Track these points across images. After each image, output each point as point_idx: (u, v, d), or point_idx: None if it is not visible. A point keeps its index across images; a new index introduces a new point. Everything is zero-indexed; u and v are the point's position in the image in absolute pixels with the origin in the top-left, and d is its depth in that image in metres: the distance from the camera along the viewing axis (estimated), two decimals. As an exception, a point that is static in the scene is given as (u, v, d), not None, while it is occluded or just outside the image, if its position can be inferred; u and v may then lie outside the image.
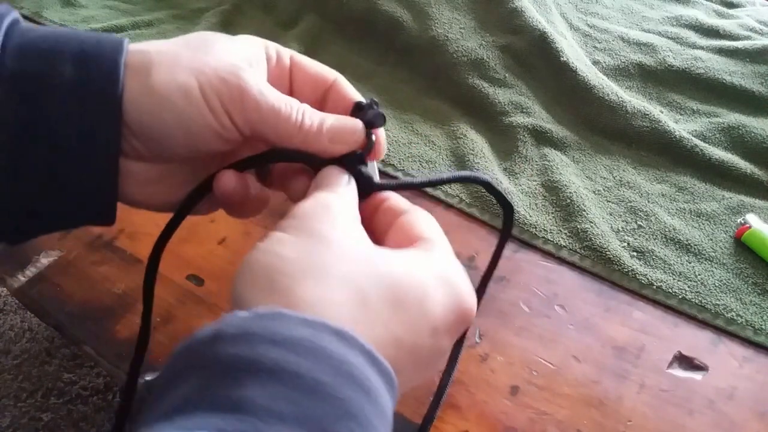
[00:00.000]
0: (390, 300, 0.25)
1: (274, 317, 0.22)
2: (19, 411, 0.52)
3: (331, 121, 0.32)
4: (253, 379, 0.20)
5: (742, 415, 0.40)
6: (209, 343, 0.22)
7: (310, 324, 0.22)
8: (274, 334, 0.21)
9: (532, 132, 0.62)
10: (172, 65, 0.29)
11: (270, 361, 0.20)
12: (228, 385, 0.20)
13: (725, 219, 0.54)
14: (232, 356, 0.21)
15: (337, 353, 0.21)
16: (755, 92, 0.67)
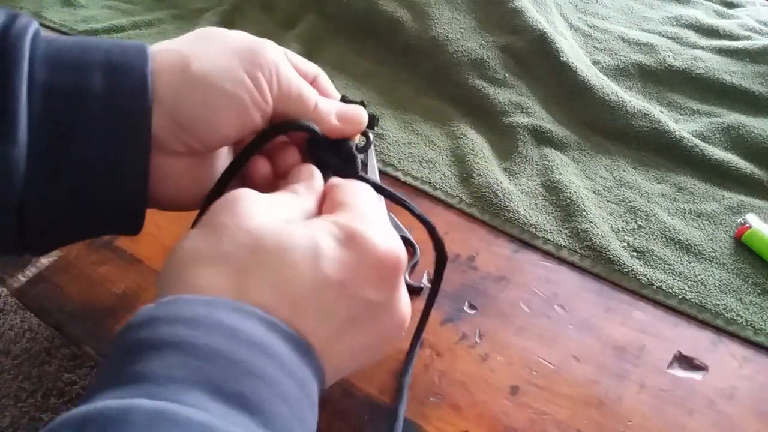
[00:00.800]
0: (273, 264, 0.26)
1: (174, 301, 0.24)
2: (19, 411, 0.52)
3: (337, 103, 0.35)
4: (153, 354, 0.22)
5: (742, 415, 0.40)
6: (120, 336, 0.24)
7: (209, 303, 0.24)
8: (174, 315, 0.23)
9: (532, 132, 0.62)
10: (205, 54, 0.30)
11: (170, 337, 0.22)
12: (129, 362, 0.22)
13: (725, 219, 0.54)
14: (136, 339, 0.23)
15: (234, 324, 0.23)
16: (755, 92, 0.67)
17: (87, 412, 0.19)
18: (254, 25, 0.80)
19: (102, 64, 0.29)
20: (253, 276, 0.26)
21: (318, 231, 0.27)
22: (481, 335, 0.45)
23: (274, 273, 0.26)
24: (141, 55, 0.29)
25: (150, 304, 0.25)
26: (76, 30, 0.78)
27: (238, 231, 0.27)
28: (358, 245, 0.27)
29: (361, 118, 0.35)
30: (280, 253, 0.26)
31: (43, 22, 0.80)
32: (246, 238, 0.26)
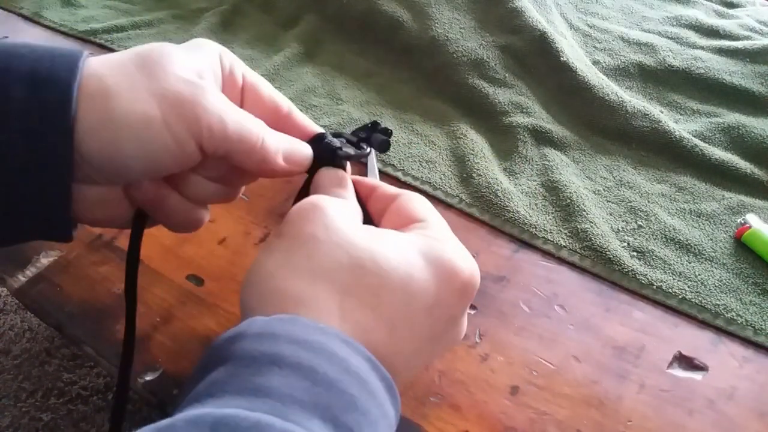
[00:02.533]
0: (374, 287, 0.27)
1: (292, 321, 0.25)
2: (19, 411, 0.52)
3: (286, 142, 0.32)
4: (276, 370, 0.22)
5: (742, 415, 0.40)
6: (233, 341, 0.24)
7: (323, 331, 0.24)
8: (294, 335, 0.24)
9: (532, 132, 0.62)
10: (130, 91, 0.28)
11: (291, 357, 0.23)
12: (252, 373, 0.22)
13: (725, 219, 0.54)
14: (257, 350, 0.23)
15: (346, 357, 0.24)
16: (755, 92, 0.67)
17: (221, 417, 0.20)
18: (254, 25, 0.80)
19: (27, 73, 0.27)
20: (355, 296, 0.27)
21: (412, 255, 0.28)
22: (481, 335, 0.45)
23: (374, 295, 0.27)
24: (70, 67, 0.28)
25: (261, 317, 0.25)
26: (77, 30, 0.78)
27: (334, 247, 0.27)
28: (447, 269, 0.28)
29: (307, 160, 0.33)
30: (379, 276, 0.27)
31: (43, 22, 0.80)
32: (344, 257, 0.27)
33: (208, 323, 0.44)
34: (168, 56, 0.30)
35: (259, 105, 0.34)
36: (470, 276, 0.29)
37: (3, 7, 0.83)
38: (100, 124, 0.28)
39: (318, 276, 0.27)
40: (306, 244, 0.28)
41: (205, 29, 0.77)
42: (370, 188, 0.34)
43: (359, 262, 0.27)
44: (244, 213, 0.52)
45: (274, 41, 0.77)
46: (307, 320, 0.25)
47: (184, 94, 0.28)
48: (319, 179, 0.33)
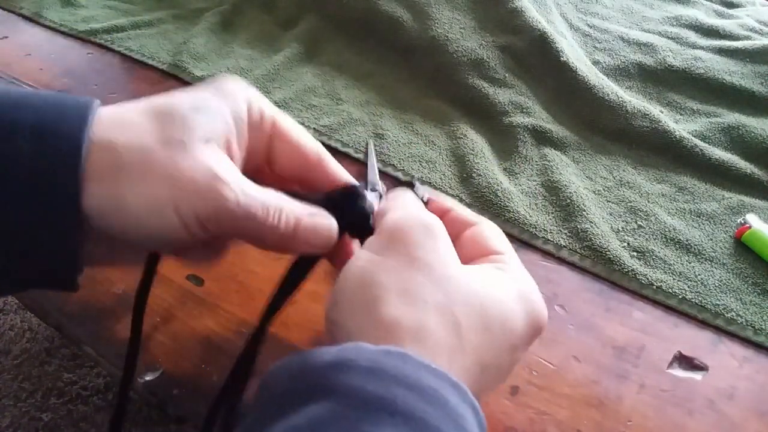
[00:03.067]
0: (479, 326, 0.27)
1: (400, 357, 0.23)
2: (19, 411, 0.52)
3: (305, 222, 0.30)
4: (387, 418, 0.21)
5: (742, 415, 0.40)
6: (337, 370, 0.22)
7: (434, 373, 0.23)
8: (405, 376, 0.22)
9: (532, 132, 0.62)
10: (144, 173, 0.26)
11: (402, 404, 0.21)
12: (362, 418, 0.21)
13: (725, 219, 0.54)
14: (365, 390, 0.22)
15: (456, 407, 0.23)
16: (755, 92, 0.67)
17: None
18: (254, 25, 0.80)
19: (32, 126, 0.25)
20: (463, 335, 0.26)
21: (505, 292, 0.28)
22: (481, 335, 0.45)
23: (479, 335, 0.26)
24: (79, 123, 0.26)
25: (365, 344, 0.24)
26: (76, 30, 0.78)
27: (448, 280, 0.27)
28: (533, 309, 0.29)
29: (329, 238, 0.31)
30: (484, 314, 0.27)
31: (43, 22, 0.80)
32: (456, 291, 0.27)
33: (208, 323, 0.44)
34: (186, 127, 0.27)
35: (287, 154, 0.32)
36: (545, 318, 0.30)
37: (3, 7, 0.83)
38: (110, 209, 0.26)
39: (431, 308, 0.26)
40: (416, 269, 0.26)
41: (205, 29, 0.77)
42: (444, 210, 0.33)
43: (467, 298, 0.27)
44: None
45: (274, 41, 0.77)
46: (417, 358, 0.23)
47: (201, 185, 0.27)
48: (394, 197, 0.32)
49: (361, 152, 0.60)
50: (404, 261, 0.27)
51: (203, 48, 0.73)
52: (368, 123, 0.63)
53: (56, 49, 0.75)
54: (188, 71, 0.69)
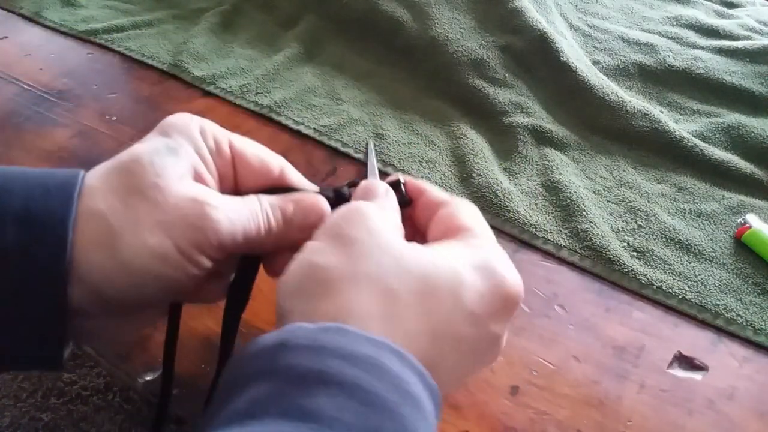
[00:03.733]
0: (419, 292, 0.26)
1: (338, 332, 0.23)
2: (19, 411, 0.52)
3: (291, 209, 0.31)
4: (322, 390, 0.21)
5: (742, 415, 0.40)
6: (276, 350, 0.23)
7: (373, 342, 0.23)
8: (341, 348, 0.22)
9: (532, 132, 0.62)
10: (136, 227, 0.27)
11: (338, 374, 0.21)
12: (298, 394, 0.21)
13: (725, 219, 0.54)
14: (302, 366, 0.22)
15: (396, 372, 0.22)
16: (755, 92, 0.67)
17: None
18: (254, 25, 0.80)
19: (18, 212, 0.26)
20: (400, 302, 0.25)
21: (460, 260, 0.27)
22: (481, 335, 0.45)
23: (420, 301, 0.26)
24: (63, 209, 0.26)
25: (304, 323, 0.24)
26: (76, 30, 0.78)
27: (378, 250, 0.26)
28: (495, 278, 0.27)
29: (320, 211, 0.32)
30: (425, 281, 0.26)
31: (43, 22, 0.80)
32: (389, 259, 0.26)
33: (208, 323, 0.44)
34: (159, 171, 0.28)
35: (250, 173, 0.32)
36: (517, 289, 0.28)
37: (3, 7, 0.83)
38: (111, 272, 0.27)
39: (361, 279, 0.25)
40: (349, 246, 0.26)
41: (205, 29, 0.77)
42: (420, 192, 0.33)
43: (405, 266, 0.26)
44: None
45: (274, 41, 0.77)
46: (356, 330, 0.23)
47: (191, 217, 0.28)
48: (359, 193, 0.32)
49: (361, 152, 0.60)
50: (334, 240, 0.27)
51: (203, 48, 0.73)
52: (368, 123, 0.63)
53: (56, 49, 0.75)
54: (188, 71, 0.69)
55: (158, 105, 0.65)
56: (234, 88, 0.67)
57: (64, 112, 0.65)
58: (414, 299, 0.25)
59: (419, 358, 0.25)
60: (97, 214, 0.27)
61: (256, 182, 0.33)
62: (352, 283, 0.25)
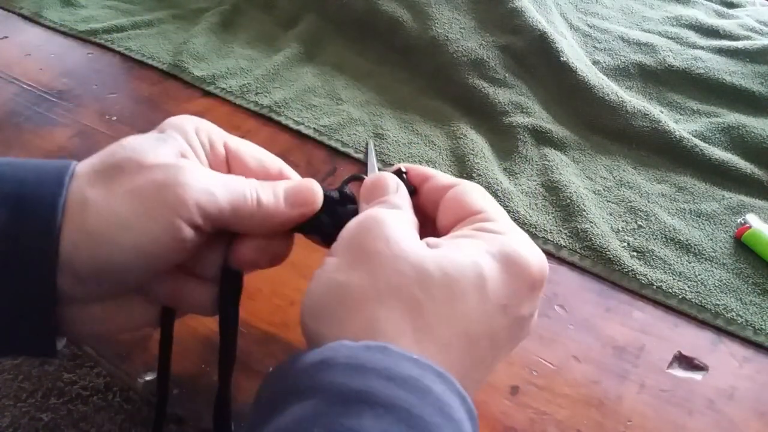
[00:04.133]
0: (445, 297, 0.25)
1: (381, 350, 0.23)
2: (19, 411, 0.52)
3: (283, 186, 0.30)
4: (367, 410, 0.21)
5: (742, 415, 0.40)
6: (318, 369, 0.22)
7: (416, 362, 0.23)
8: (385, 369, 0.22)
9: (532, 132, 0.62)
10: (107, 197, 0.26)
11: (383, 396, 0.21)
12: (343, 413, 0.21)
13: (725, 219, 0.54)
14: (346, 386, 0.22)
15: (440, 395, 0.22)
16: (755, 92, 0.67)
17: None
18: (254, 25, 0.80)
19: (9, 199, 0.26)
20: (427, 312, 0.25)
21: (478, 254, 0.26)
22: (481, 335, 0.45)
23: (447, 307, 0.25)
24: (54, 194, 0.26)
25: (347, 341, 0.24)
26: (76, 30, 0.78)
27: (398, 260, 0.26)
28: (517, 264, 0.27)
29: (315, 194, 0.31)
30: (449, 284, 0.25)
31: (43, 22, 0.80)
32: (410, 269, 0.25)
33: (208, 323, 0.44)
34: (140, 151, 0.28)
35: (246, 172, 0.32)
36: (540, 268, 0.27)
37: (3, 7, 0.83)
38: (80, 243, 0.26)
39: (384, 294, 0.25)
40: (369, 262, 0.26)
41: (205, 29, 0.77)
42: (423, 178, 0.32)
43: (425, 272, 0.25)
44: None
45: (274, 41, 0.77)
46: (399, 350, 0.23)
47: (161, 179, 0.27)
48: (369, 187, 0.31)
49: (361, 152, 0.60)
50: (356, 257, 0.26)
51: (203, 48, 0.73)
52: (368, 123, 0.63)
53: (56, 49, 0.75)
54: (188, 71, 0.69)
55: (158, 105, 0.65)
56: (234, 88, 0.67)
57: (64, 112, 0.65)
58: (441, 306, 0.25)
59: (458, 366, 0.24)
60: (79, 195, 0.26)
61: None
62: (376, 300, 0.25)
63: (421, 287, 0.25)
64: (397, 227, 0.27)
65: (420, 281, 0.25)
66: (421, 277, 0.25)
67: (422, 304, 0.25)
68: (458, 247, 0.27)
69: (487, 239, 0.27)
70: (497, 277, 0.26)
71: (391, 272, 0.25)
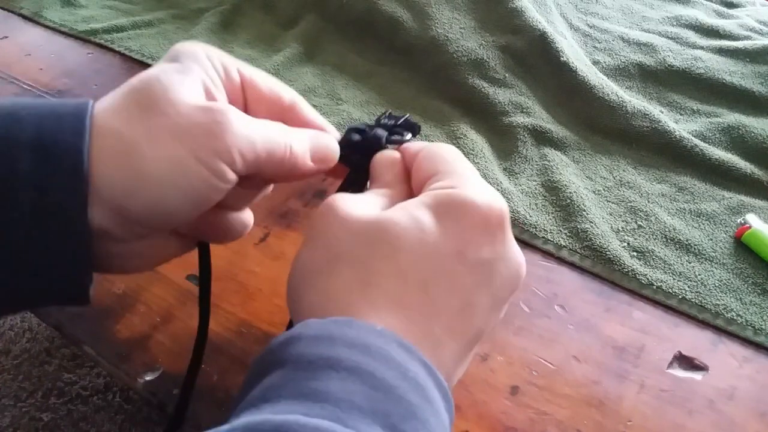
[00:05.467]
0: (387, 252, 0.26)
1: (348, 324, 0.24)
2: (19, 411, 0.52)
3: (309, 137, 0.32)
4: (333, 374, 0.22)
5: (742, 416, 0.40)
6: (288, 343, 0.23)
7: (381, 334, 0.24)
8: (350, 337, 0.23)
9: (532, 132, 0.62)
10: (150, 140, 0.26)
11: (348, 361, 0.22)
12: (310, 377, 0.22)
13: (725, 219, 0.54)
14: (313, 354, 0.22)
15: (404, 362, 0.23)
16: (755, 92, 0.67)
17: (280, 424, 0.19)
18: (254, 25, 0.80)
19: (32, 140, 0.25)
20: (373, 269, 0.26)
21: (414, 207, 0.27)
22: (481, 335, 0.45)
23: (391, 260, 0.26)
24: (77, 132, 0.25)
25: (316, 318, 0.25)
26: (77, 30, 0.78)
27: (341, 229, 0.27)
28: (458, 208, 0.27)
29: (333, 154, 0.33)
30: (387, 239, 0.26)
31: (43, 22, 0.80)
32: (350, 235, 0.27)
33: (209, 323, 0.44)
34: (168, 86, 0.27)
35: (261, 101, 0.32)
36: (488, 207, 0.27)
37: (3, 7, 0.83)
38: (131, 184, 0.26)
39: (332, 263, 0.27)
40: (320, 238, 0.28)
41: (205, 29, 0.77)
42: (401, 149, 0.33)
43: (364, 234, 0.27)
44: (244, 213, 0.52)
45: (274, 41, 0.77)
46: (362, 322, 0.24)
47: (207, 124, 0.27)
48: (375, 166, 0.33)
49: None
50: (311, 237, 0.28)
51: (203, 48, 0.73)
52: (368, 123, 0.63)
53: (56, 49, 0.75)
54: (188, 71, 0.69)
55: (158, 105, 0.65)
56: (234, 88, 0.67)
57: (64, 112, 0.65)
58: (385, 261, 0.26)
59: (417, 316, 0.25)
60: (112, 131, 0.26)
61: (268, 111, 0.32)
62: (329, 271, 0.27)
63: (363, 248, 0.26)
64: (348, 206, 0.28)
65: (360, 243, 0.27)
66: (360, 239, 0.27)
67: (366, 263, 0.26)
68: (400, 208, 0.28)
69: (428, 195, 0.28)
70: (437, 223, 0.27)
71: (335, 241, 0.27)
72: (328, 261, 0.27)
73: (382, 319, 0.25)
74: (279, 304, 0.45)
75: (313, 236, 0.28)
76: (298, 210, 0.53)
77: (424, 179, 0.30)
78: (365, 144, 0.34)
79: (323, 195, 0.55)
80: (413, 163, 0.31)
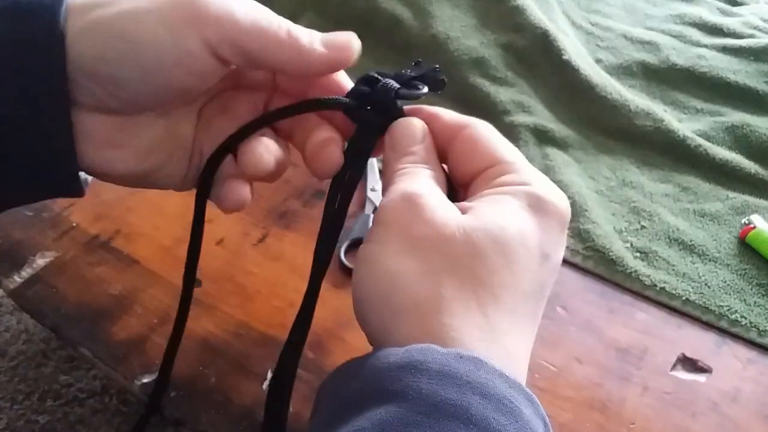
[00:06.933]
0: (501, 264, 0.25)
1: (475, 364, 0.22)
2: (15, 413, 0.52)
3: (323, 35, 0.28)
4: (461, 427, 0.19)
5: (746, 418, 0.40)
6: (406, 372, 0.21)
7: (507, 381, 0.22)
8: (480, 384, 0.21)
9: (534, 131, 0.62)
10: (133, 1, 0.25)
11: (477, 414, 0.20)
12: (434, 426, 0.19)
13: (729, 219, 0.54)
14: (439, 396, 0.20)
15: (530, 421, 0.21)
16: (759, 91, 0.66)
17: None
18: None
19: (5, 8, 0.24)
20: (487, 283, 0.24)
21: (513, 211, 0.26)
22: (482, 337, 0.44)
23: (506, 272, 0.25)
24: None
25: (436, 346, 0.22)
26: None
27: (447, 241, 0.25)
28: (545, 210, 0.27)
29: (352, 43, 0.28)
30: (501, 251, 0.25)
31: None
32: (461, 246, 0.25)
33: (205, 325, 0.44)
34: None
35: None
36: (566, 206, 0.29)
37: None
38: (112, 44, 0.25)
39: (442, 276, 0.24)
40: (417, 247, 0.25)
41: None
42: (431, 119, 0.31)
43: (476, 245, 0.24)
44: (242, 213, 0.52)
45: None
46: (491, 364, 0.22)
47: (195, 1, 0.25)
48: (396, 136, 0.30)
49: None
50: (403, 243, 0.25)
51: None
52: (368, 122, 0.63)
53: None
54: (187, 70, 0.69)
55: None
56: (233, 86, 0.67)
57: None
58: (499, 274, 0.25)
59: (521, 328, 0.24)
60: None
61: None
62: (435, 283, 0.24)
63: (475, 260, 0.24)
64: (434, 204, 0.26)
65: (473, 255, 0.24)
66: (473, 250, 0.25)
67: (479, 276, 0.24)
68: (493, 212, 0.26)
69: (514, 194, 0.27)
70: (533, 228, 0.26)
71: (443, 255, 0.25)
72: (436, 274, 0.24)
73: (505, 348, 0.24)
74: (278, 306, 0.45)
75: (409, 246, 0.25)
76: (297, 210, 0.52)
77: (481, 167, 0.29)
78: (374, 97, 0.30)
79: (323, 195, 0.54)
80: (454, 141, 0.30)
